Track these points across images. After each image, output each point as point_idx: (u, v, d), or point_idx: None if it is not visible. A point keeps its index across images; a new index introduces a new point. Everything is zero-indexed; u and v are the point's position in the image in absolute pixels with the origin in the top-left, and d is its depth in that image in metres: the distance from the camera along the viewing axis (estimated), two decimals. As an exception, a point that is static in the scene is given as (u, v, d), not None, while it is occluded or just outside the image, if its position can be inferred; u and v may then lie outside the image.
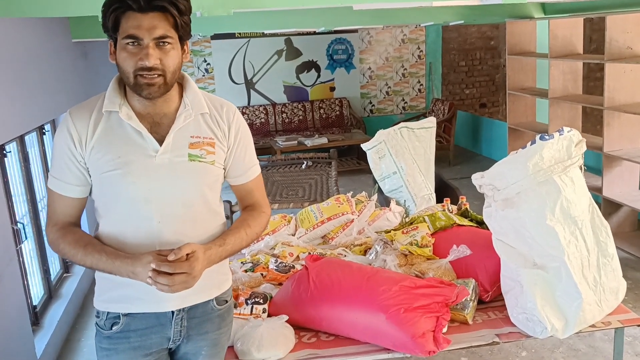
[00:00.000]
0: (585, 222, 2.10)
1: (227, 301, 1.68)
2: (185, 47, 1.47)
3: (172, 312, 1.55)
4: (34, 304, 3.39)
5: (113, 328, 1.54)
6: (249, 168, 1.64)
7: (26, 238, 3.34)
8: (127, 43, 1.38)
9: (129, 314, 1.53)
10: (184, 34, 1.44)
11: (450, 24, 6.50)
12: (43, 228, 3.79)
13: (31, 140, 3.80)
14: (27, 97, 3.38)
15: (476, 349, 3.13)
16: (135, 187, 1.46)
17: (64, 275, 4.00)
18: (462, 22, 5.88)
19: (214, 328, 1.64)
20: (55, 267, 3.95)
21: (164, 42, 1.39)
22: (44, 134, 4.02)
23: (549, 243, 2.04)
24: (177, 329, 1.57)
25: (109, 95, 1.48)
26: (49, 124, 4.12)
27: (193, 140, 1.50)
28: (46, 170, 3.97)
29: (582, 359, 3.03)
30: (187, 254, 1.39)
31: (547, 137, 2.05)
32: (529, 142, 2.08)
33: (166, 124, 1.49)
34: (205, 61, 7.95)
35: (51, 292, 3.72)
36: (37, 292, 3.56)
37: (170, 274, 1.36)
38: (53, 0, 2.47)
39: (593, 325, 2.14)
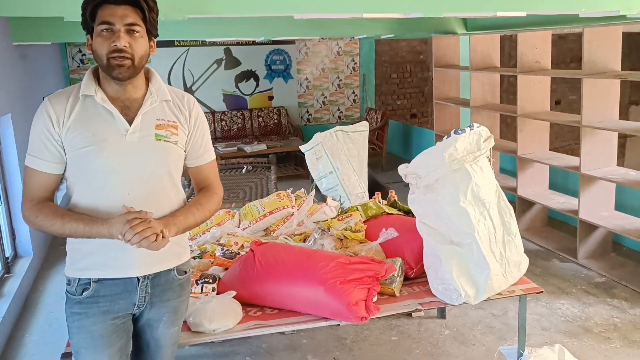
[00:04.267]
0: (492, 205, 2.46)
1: (186, 272, 1.90)
2: (152, 42, 1.72)
3: (138, 279, 1.75)
4: (-24, 302, 3.41)
5: (84, 293, 1.72)
6: (205, 152, 1.88)
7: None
8: (102, 30, 1.62)
9: (99, 279, 1.72)
10: (151, 28, 1.69)
11: (382, 37, 6.94)
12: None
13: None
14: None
15: (405, 329, 3.46)
16: (108, 162, 1.67)
17: (6, 275, 4.01)
18: (393, 35, 6.32)
19: (174, 296, 1.85)
20: (-5, 268, 3.95)
21: (133, 29, 1.63)
22: (-16, 135, 4.04)
23: (463, 222, 2.39)
24: (142, 295, 1.77)
25: (85, 82, 1.71)
26: (-12, 126, 4.13)
27: (159, 122, 1.74)
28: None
29: (497, 334, 3.41)
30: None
31: (460, 132, 2.40)
32: (445, 136, 2.43)
33: (135, 107, 1.73)
34: (144, 68, 8.00)
35: (-7, 291, 3.73)
36: (-21, 291, 3.57)
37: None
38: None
39: (500, 294, 2.50)
